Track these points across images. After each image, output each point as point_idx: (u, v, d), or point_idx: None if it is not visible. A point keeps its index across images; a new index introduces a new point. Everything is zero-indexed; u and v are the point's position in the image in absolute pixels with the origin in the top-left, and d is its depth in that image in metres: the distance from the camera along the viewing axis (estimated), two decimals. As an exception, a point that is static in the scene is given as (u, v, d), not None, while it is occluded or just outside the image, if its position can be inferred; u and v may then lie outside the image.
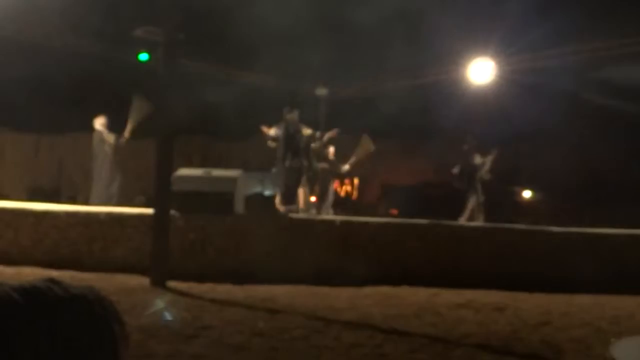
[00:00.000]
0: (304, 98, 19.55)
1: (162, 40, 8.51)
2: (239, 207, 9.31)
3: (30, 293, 0.90)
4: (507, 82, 16.76)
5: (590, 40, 14.43)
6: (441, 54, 16.14)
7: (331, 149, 13.70)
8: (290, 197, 11.19)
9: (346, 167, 13.97)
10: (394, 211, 17.35)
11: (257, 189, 11.93)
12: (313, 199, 13.34)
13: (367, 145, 14.19)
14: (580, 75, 15.73)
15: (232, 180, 9.23)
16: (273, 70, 18.80)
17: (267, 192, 17.15)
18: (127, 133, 12.09)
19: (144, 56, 17.41)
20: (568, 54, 14.91)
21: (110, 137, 12.06)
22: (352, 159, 14.09)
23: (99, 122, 12.16)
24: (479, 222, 11.94)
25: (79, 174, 21.02)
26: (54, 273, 7.83)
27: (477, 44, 15.69)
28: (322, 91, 20.44)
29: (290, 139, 11.34)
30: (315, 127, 13.48)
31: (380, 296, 7.54)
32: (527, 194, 18.02)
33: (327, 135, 13.15)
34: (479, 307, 7.01)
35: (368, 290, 7.89)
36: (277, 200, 11.21)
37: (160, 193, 7.95)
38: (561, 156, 17.88)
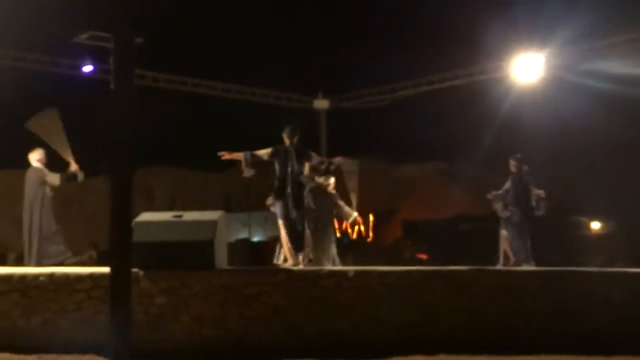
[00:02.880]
0: (299, 112, 19.67)
1: (113, 47, 8.53)
2: (221, 259, 9.26)
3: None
4: (558, 81, 16.90)
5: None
6: (476, 48, 16.31)
7: (331, 180, 13.63)
8: (299, 244, 11.09)
9: (354, 213, 13.81)
10: (423, 255, 17.31)
11: (243, 234, 11.91)
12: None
13: (352, 166, 14.21)
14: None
15: (211, 225, 9.20)
16: (261, 81, 18.95)
17: (255, 238, 17.15)
18: (74, 166, 12.07)
19: (88, 68, 17.53)
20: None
21: (54, 178, 12.02)
22: (353, 196, 14.07)
23: (35, 157, 12.16)
24: (531, 266, 11.92)
25: (7, 223, 21.00)
26: (-18, 357, 7.78)
27: (519, 37, 15.87)
28: (322, 103, 20.54)
29: (293, 169, 11.23)
30: (314, 148, 13.47)
31: (410, 369, 7.47)
32: (595, 225, 18.01)
33: (335, 162, 12.97)
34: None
35: (395, 361, 7.82)
36: (285, 247, 11.09)
37: (117, 246, 7.89)
38: (635, 174, 17.92)
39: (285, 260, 11.14)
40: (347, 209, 13.64)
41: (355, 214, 13.73)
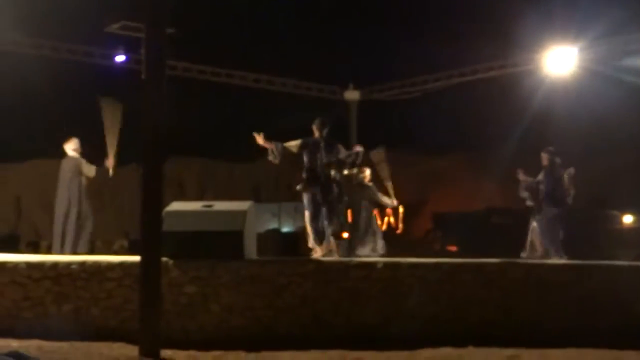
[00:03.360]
0: (330, 103, 19.65)
1: (144, 37, 8.58)
2: (251, 249, 9.30)
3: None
4: (591, 74, 16.77)
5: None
6: (508, 41, 16.24)
7: (367, 172, 13.75)
8: (325, 235, 11.13)
9: (394, 201, 13.99)
10: (453, 247, 17.28)
11: (272, 224, 11.95)
12: (345, 235, 13.35)
13: (380, 156, 14.30)
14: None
15: (240, 215, 9.23)
16: (292, 72, 18.95)
17: (285, 229, 17.23)
18: (111, 162, 12.16)
19: (121, 58, 17.64)
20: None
21: (91, 169, 12.12)
22: (389, 185, 14.17)
23: (71, 147, 12.26)
24: (563, 260, 11.86)
25: (40, 213, 21.20)
26: (15, 343, 7.86)
27: (552, 29, 15.76)
28: (352, 94, 20.51)
29: (322, 160, 11.25)
30: (344, 141, 13.48)
31: (441, 361, 7.46)
32: (628, 219, 17.82)
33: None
34: (572, 372, 6.91)
35: (424, 354, 7.82)
36: (310, 238, 11.14)
37: (148, 235, 7.97)
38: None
39: (313, 251, 11.16)
40: (385, 198, 13.76)
41: (394, 201, 13.85)
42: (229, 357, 7.63)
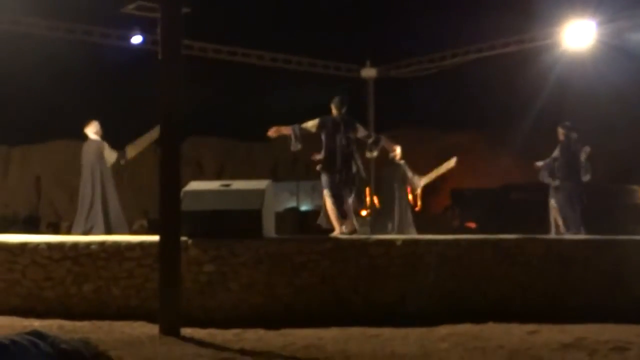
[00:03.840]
0: (347, 81, 19.60)
1: (160, 17, 8.58)
2: (269, 227, 9.31)
3: (9, 351, 0.89)
4: (610, 49, 16.63)
5: None
6: (525, 15, 16.11)
7: (397, 149, 13.68)
8: (344, 213, 11.11)
9: (423, 180, 13.99)
10: (472, 224, 17.25)
11: (291, 203, 11.96)
12: (364, 213, 13.37)
13: (451, 163, 14.39)
14: None
15: (258, 194, 9.25)
16: (307, 50, 18.90)
17: (303, 207, 17.24)
18: (131, 152, 12.24)
19: (137, 39, 17.64)
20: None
21: (112, 155, 12.23)
22: (432, 174, 14.17)
23: (92, 130, 12.32)
24: (582, 235, 11.82)
25: (60, 193, 21.32)
26: (37, 323, 7.94)
27: (571, 3, 15.63)
28: (369, 72, 20.44)
29: (341, 139, 11.21)
30: (362, 120, 13.46)
31: (460, 337, 7.45)
32: (648, 193, 17.74)
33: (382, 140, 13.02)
34: (592, 346, 6.88)
35: (443, 330, 7.80)
36: (332, 216, 11.11)
37: (167, 215, 8.00)
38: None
39: (333, 229, 11.16)
40: (416, 177, 13.74)
41: (423, 179, 13.83)
42: (249, 334, 7.66)
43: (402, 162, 13.75)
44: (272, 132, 11.18)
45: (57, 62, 17.53)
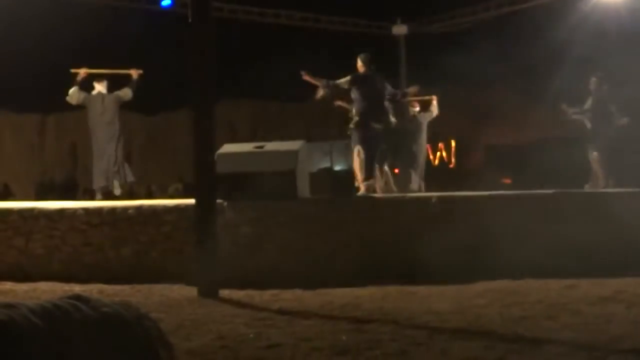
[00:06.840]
0: (377, 39, 19.44)
1: (189, -21, 8.56)
2: (303, 188, 9.33)
3: (53, 315, 0.90)
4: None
5: None
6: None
7: (417, 106, 13.61)
8: (371, 171, 11.07)
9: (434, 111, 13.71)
10: (507, 180, 17.15)
11: (324, 163, 11.95)
12: (396, 170, 13.33)
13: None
14: None
15: (292, 155, 9.26)
16: (337, 9, 18.76)
17: (337, 167, 17.24)
18: (134, 73, 12.01)
19: (167, 2, 17.65)
20: None
21: (127, 92, 12.01)
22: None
23: (105, 85, 12.17)
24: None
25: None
26: (77, 288, 8.06)
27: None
28: (400, 29, 20.23)
29: (373, 95, 11.17)
30: (393, 78, 13.38)
31: (497, 293, 7.45)
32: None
33: (410, 92, 12.97)
34: (631, 299, 6.86)
35: (480, 286, 7.81)
36: (358, 176, 11.10)
37: (202, 178, 8.05)
38: None
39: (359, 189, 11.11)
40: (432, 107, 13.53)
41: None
42: (286, 295, 7.71)
43: (421, 114, 13.56)
44: (305, 76, 11.25)
45: (86, 26, 17.60)
